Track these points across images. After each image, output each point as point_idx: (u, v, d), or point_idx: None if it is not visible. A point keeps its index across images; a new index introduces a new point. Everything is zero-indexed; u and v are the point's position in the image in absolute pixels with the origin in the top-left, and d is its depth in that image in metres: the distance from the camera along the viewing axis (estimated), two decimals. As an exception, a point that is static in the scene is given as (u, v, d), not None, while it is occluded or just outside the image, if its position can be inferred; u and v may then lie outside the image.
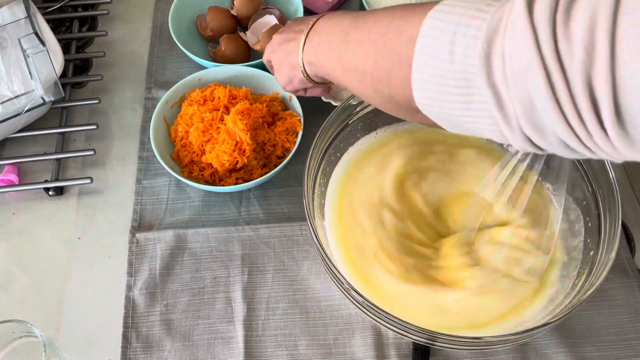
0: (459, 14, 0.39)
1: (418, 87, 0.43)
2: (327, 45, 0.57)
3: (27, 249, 0.73)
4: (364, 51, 0.49)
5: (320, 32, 0.58)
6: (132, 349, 0.65)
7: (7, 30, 0.77)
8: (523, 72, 0.35)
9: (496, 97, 0.37)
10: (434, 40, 0.41)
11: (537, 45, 0.34)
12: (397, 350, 0.64)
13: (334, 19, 0.57)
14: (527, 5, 0.35)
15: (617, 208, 0.60)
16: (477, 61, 0.37)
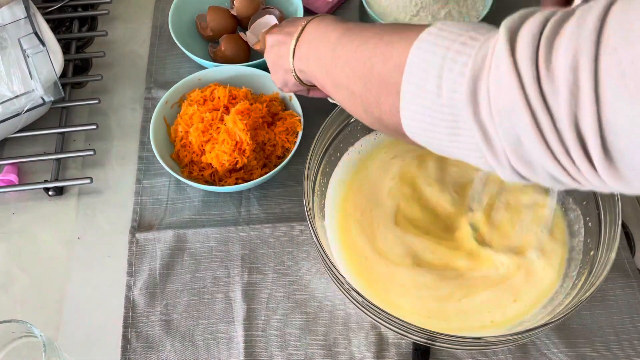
0: (445, 47, 0.40)
1: (406, 116, 0.44)
2: (316, 56, 0.57)
3: (27, 249, 0.73)
4: (352, 71, 0.49)
5: (310, 40, 0.58)
6: (132, 349, 0.65)
7: (7, 30, 0.77)
8: (509, 112, 0.35)
9: (483, 134, 0.38)
10: (421, 72, 0.41)
11: (521, 85, 0.34)
12: (397, 351, 0.64)
13: (321, 29, 0.57)
14: (509, 43, 0.36)
15: (617, 208, 0.60)
16: (464, 98, 0.38)
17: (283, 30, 0.63)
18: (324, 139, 0.68)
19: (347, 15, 0.93)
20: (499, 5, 0.89)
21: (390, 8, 0.86)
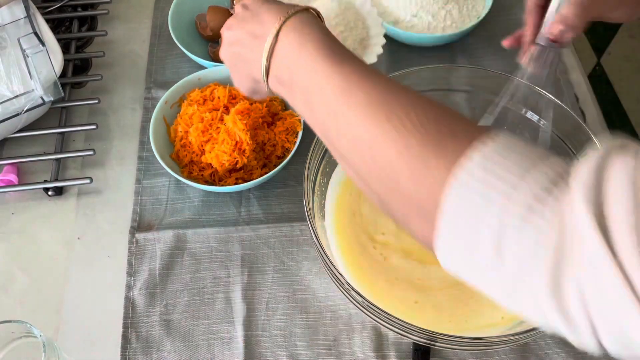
0: (499, 205, 0.33)
1: (444, 252, 0.37)
2: (303, 96, 0.46)
3: (26, 249, 0.73)
4: (365, 164, 0.41)
5: (290, 65, 0.47)
6: (131, 349, 0.65)
7: (6, 30, 0.77)
8: (615, 312, 0.30)
9: (566, 319, 0.32)
10: (468, 228, 0.34)
11: (633, 291, 0.29)
12: (397, 351, 0.64)
13: (304, 53, 0.46)
14: (598, 228, 0.29)
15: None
16: (543, 286, 0.32)
17: (245, 26, 0.51)
18: (324, 139, 0.67)
19: (347, 15, 0.92)
20: (498, 5, 0.89)
21: (391, 8, 0.86)
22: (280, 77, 0.48)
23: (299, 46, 0.46)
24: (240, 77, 0.55)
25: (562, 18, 0.56)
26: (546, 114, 0.65)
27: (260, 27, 0.50)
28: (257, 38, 0.50)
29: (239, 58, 0.53)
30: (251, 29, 0.51)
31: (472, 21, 0.85)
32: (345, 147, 0.42)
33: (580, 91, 0.84)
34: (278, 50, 0.48)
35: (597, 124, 0.81)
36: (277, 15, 0.49)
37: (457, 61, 0.87)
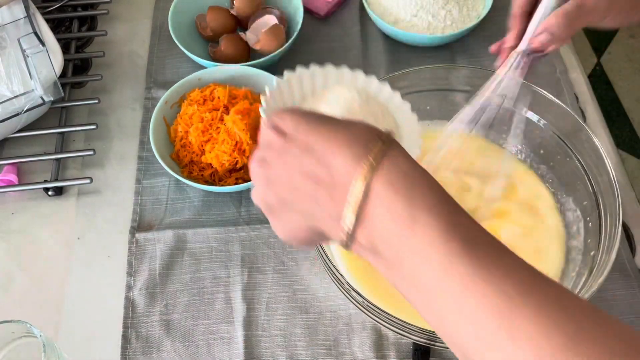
0: None
1: None
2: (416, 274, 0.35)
3: (26, 249, 0.73)
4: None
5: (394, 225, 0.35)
6: (131, 349, 0.65)
7: (6, 30, 0.77)
8: None
9: None
10: None
11: None
12: (398, 351, 0.64)
13: (421, 216, 0.35)
14: None
15: (617, 208, 0.60)
16: None
17: (294, 163, 0.39)
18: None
19: (347, 15, 0.93)
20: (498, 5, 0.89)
21: (391, 8, 0.86)
22: (374, 248, 0.37)
23: (409, 220, 0.35)
24: (291, 227, 0.42)
25: (548, 28, 0.55)
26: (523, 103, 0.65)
27: (324, 171, 0.38)
28: (323, 185, 0.38)
29: (291, 207, 0.40)
30: (308, 170, 0.38)
31: (472, 21, 0.85)
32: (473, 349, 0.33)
33: (580, 91, 0.84)
34: (370, 213, 0.36)
35: (597, 123, 0.81)
36: (350, 155, 0.37)
37: (457, 61, 0.87)
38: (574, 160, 0.67)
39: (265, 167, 0.42)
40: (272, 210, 0.42)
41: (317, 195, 0.38)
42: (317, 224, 0.40)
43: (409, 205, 0.35)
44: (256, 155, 0.43)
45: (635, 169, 1.66)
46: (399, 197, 0.35)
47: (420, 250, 0.34)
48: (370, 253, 0.38)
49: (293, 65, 0.86)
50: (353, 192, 0.36)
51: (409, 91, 0.72)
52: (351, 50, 0.89)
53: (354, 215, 0.36)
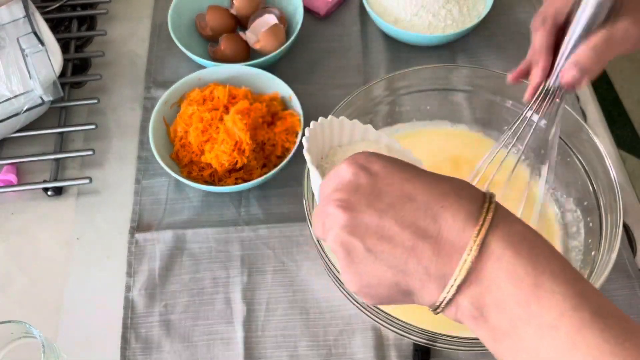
0: None
1: None
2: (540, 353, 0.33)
3: (25, 249, 0.73)
4: None
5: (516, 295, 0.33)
6: (131, 349, 0.65)
7: (5, 30, 0.77)
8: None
9: None
10: None
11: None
12: (398, 352, 0.64)
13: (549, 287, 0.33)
14: None
15: (618, 208, 0.60)
16: None
17: (386, 210, 0.36)
18: (324, 139, 0.67)
19: (347, 15, 0.92)
20: (499, 5, 0.89)
21: (391, 7, 0.85)
22: (481, 313, 0.35)
23: (532, 286, 0.33)
24: (371, 280, 0.38)
25: (577, 63, 0.51)
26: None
27: (430, 223, 0.35)
28: (426, 239, 0.35)
29: (378, 258, 0.37)
30: (409, 220, 0.36)
31: (473, 21, 0.85)
32: None
33: (581, 91, 0.84)
34: (485, 275, 0.34)
35: (598, 123, 0.81)
36: (462, 210, 0.35)
37: (457, 61, 0.87)
38: (574, 160, 0.67)
39: (349, 210, 0.37)
40: (352, 257, 0.37)
41: (417, 248, 0.35)
42: (406, 280, 0.36)
43: (533, 269, 0.33)
44: (333, 196, 0.38)
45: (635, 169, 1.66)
46: (520, 260, 0.33)
47: (546, 319, 0.32)
48: (472, 318, 0.35)
49: (293, 65, 0.87)
50: (468, 250, 0.34)
51: (409, 91, 0.72)
52: (351, 50, 0.88)
53: (464, 274, 0.34)
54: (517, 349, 0.34)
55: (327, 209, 0.38)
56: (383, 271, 0.37)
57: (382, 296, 0.38)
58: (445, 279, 0.35)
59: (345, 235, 0.37)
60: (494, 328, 0.34)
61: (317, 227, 0.40)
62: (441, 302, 0.36)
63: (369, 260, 0.37)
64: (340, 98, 0.68)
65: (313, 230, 0.43)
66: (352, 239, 0.37)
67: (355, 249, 0.37)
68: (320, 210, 0.40)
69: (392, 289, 0.37)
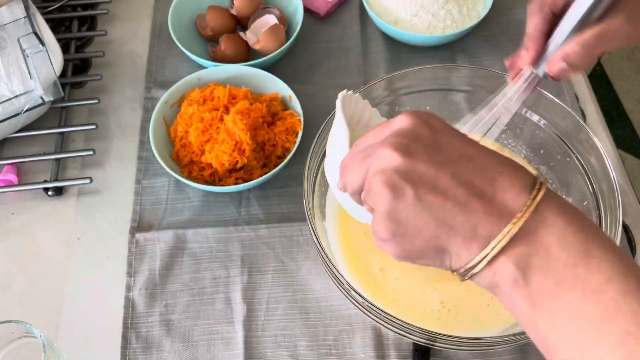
0: None
1: None
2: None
3: (26, 249, 0.73)
4: None
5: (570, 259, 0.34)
6: (131, 349, 0.65)
7: (6, 30, 0.77)
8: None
9: None
10: None
11: None
12: (398, 351, 0.64)
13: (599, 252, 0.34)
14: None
15: (617, 208, 0.60)
16: None
17: (444, 163, 0.37)
18: (324, 139, 0.67)
19: (347, 15, 0.93)
20: (499, 5, 0.89)
21: (391, 7, 0.86)
22: (523, 274, 0.35)
23: (582, 253, 0.34)
24: (412, 229, 0.38)
25: (566, 56, 0.51)
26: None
27: (486, 183, 0.36)
28: (479, 197, 0.36)
29: (427, 207, 0.37)
30: (466, 177, 0.37)
31: (472, 21, 0.85)
32: None
33: (580, 91, 0.84)
34: (536, 238, 0.35)
35: (598, 123, 0.81)
36: (518, 177, 0.36)
37: (457, 61, 0.87)
38: (574, 160, 0.67)
39: (407, 154, 0.37)
40: (397, 202, 0.37)
41: (469, 205, 0.36)
42: (448, 235, 0.37)
43: (584, 238, 0.35)
44: (389, 139, 0.38)
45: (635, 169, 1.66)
46: (572, 229, 0.35)
47: (593, 283, 0.33)
48: (511, 282, 0.36)
49: (293, 65, 0.87)
50: (523, 209, 0.35)
51: (409, 91, 0.72)
52: (351, 50, 0.89)
53: (514, 233, 0.35)
54: (557, 313, 0.34)
55: (380, 150, 0.38)
56: (427, 222, 0.37)
57: (413, 249, 0.38)
58: (490, 239, 0.36)
59: (396, 178, 0.37)
60: (534, 292, 0.35)
61: (354, 169, 0.40)
62: (479, 262, 0.36)
63: (416, 208, 0.37)
64: (340, 98, 0.68)
65: (344, 175, 0.42)
66: (404, 183, 0.37)
67: (405, 195, 0.37)
68: (366, 152, 0.39)
69: (429, 242, 0.37)
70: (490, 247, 0.36)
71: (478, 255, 0.36)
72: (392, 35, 0.87)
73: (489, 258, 0.36)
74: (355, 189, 0.41)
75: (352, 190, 0.42)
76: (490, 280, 0.37)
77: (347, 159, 0.42)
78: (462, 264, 0.37)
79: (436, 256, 0.38)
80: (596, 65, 1.80)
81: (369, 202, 0.39)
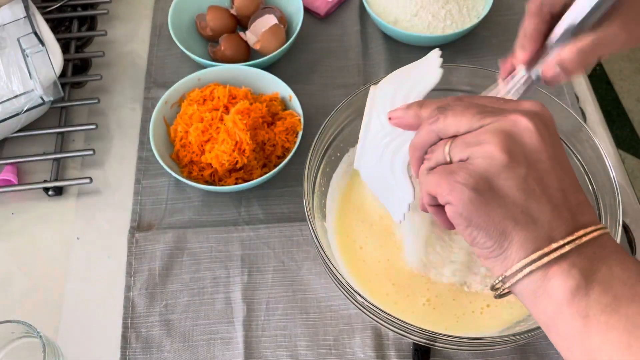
0: None
1: None
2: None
3: (26, 249, 0.73)
4: None
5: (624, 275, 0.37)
6: (131, 349, 0.65)
7: (6, 30, 0.77)
8: None
9: None
10: None
11: None
12: (398, 351, 0.64)
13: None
14: None
15: (617, 208, 0.60)
16: None
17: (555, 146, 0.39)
18: (324, 139, 0.67)
19: (347, 15, 0.93)
20: (499, 5, 0.89)
21: (391, 7, 0.86)
22: (585, 283, 0.37)
23: (637, 273, 0.37)
24: (489, 201, 0.38)
25: (561, 62, 0.51)
26: None
27: (573, 190, 0.39)
28: (566, 197, 0.38)
29: (520, 189, 0.38)
30: (560, 177, 0.38)
31: (473, 21, 0.85)
32: None
33: (580, 91, 0.84)
34: (600, 253, 0.37)
35: (598, 123, 0.81)
36: (591, 208, 0.39)
37: (457, 61, 0.87)
38: (574, 160, 0.67)
39: (539, 134, 0.38)
40: (510, 168, 0.37)
41: (558, 210, 0.37)
42: (526, 224, 0.37)
43: (636, 263, 0.37)
44: (524, 111, 0.39)
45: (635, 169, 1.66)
46: (629, 257, 0.37)
47: None
48: (565, 290, 0.36)
49: (293, 65, 0.87)
50: (596, 230, 0.37)
51: (409, 91, 0.72)
52: (351, 50, 0.89)
53: (581, 241, 0.36)
54: (613, 327, 0.35)
55: (514, 115, 0.38)
56: (516, 204, 0.37)
57: (481, 217, 0.38)
58: (560, 240, 0.37)
59: (518, 150, 0.37)
60: (591, 304, 0.36)
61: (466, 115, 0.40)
62: (539, 258, 0.37)
63: (517, 185, 0.37)
64: (340, 98, 0.68)
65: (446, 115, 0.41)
66: (522, 158, 0.37)
67: (517, 168, 0.37)
68: (487, 109, 0.40)
69: (502, 221, 0.37)
70: (560, 243, 0.37)
71: (545, 248, 0.37)
72: (392, 35, 0.87)
73: (554, 255, 0.36)
74: (451, 132, 0.40)
75: (443, 129, 0.41)
76: (538, 285, 0.37)
77: (457, 104, 0.41)
78: (520, 257, 0.37)
79: (498, 237, 0.38)
80: (596, 65, 1.80)
81: (465, 152, 0.39)
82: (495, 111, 0.40)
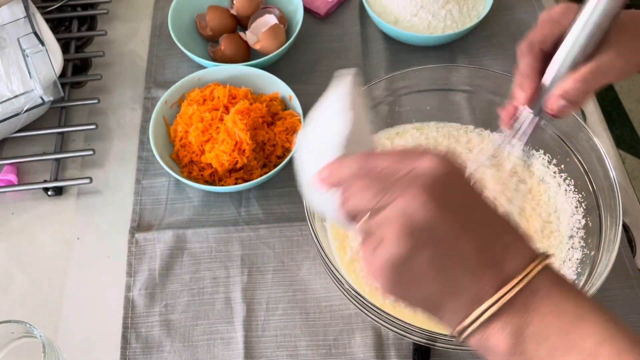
0: None
1: None
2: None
3: (26, 249, 0.73)
4: None
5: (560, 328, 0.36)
6: (131, 349, 0.65)
7: (6, 30, 0.77)
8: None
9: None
10: None
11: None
12: (397, 351, 0.64)
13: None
14: None
15: (617, 208, 0.60)
16: None
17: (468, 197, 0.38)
18: (324, 139, 0.67)
19: (347, 15, 0.93)
20: (499, 5, 0.89)
21: (391, 7, 0.86)
22: (517, 341, 0.36)
23: (574, 318, 0.36)
24: (417, 276, 0.37)
25: (565, 93, 0.51)
26: None
27: (500, 252, 0.37)
28: (491, 268, 0.36)
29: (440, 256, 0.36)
30: (483, 241, 0.37)
31: (472, 21, 0.85)
32: None
33: (580, 91, 0.84)
34: (531, 306, 0.36)
35: (598, 123, 0.81)
36: (523, 247, 0.38)
37: (457, 61, 0.87)
38: (574, 160, 0.67)
39: (440, 207, 0.36)
40: (415, 255, 0.36)
41: (479, 273, 0.36)
42: (451, 295, 0.37)
43: (576, 305, 0.36)
44: (421, 180, 0.36)
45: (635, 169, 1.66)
46: (565, 297, 0.36)
47: (586, 347, 0.35)
48: (503, 349, 0.36)
49: (293, 65, 0.87)
50: (522, 279, 0.36)
51: (409, 91, 0.72)
52: (351, 50, 0.89)
53: (508, 298, 0.36)
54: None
55: (411, 189, 0.36)
56: (433, 282, 0.36)
57: (407, 297, 0.38)
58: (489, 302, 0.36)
59: (420, 232, 0.36)
60: (530, 358, 0.36)
61: (367, 192, 0.38)
62: (472, 322, 0.36)
63: (428, 267, 0.36)
64: (340, 98, 0.68)
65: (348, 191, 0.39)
66: (427, 239, 0.36)
67: (423, 253, 0.36)
68: (387, 182, 0.37)
69: (427, 298, 0.37)
70: (486, 305, 0.36)
71: (473, 313, 0.36)
72: (392, 35, 0.87)
73: (484, 317, 0.36)
74: (356, 211, 0.39)
75: (351, 210, 0.39)
76: (483, 344, 0.37)
77: (357, 176, 0.39)
78: (457, 321, 0.37)
79: (431, 308, 0.38)
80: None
81: (372, 234, 0.37)
82: (392, 186, 0.37)
